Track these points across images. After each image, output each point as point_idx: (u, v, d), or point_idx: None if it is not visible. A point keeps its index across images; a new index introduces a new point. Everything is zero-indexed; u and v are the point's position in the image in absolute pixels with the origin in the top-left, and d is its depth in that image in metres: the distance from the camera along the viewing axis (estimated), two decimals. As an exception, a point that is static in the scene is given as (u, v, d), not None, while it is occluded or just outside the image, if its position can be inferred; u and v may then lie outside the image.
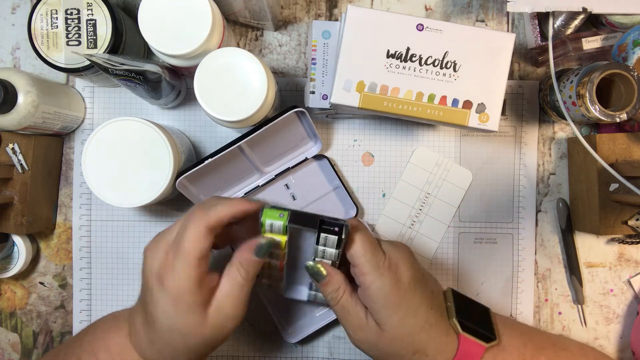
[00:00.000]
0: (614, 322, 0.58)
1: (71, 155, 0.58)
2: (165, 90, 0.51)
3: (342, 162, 0.58)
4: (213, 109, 0.45)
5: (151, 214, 0.58)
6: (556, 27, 0.51)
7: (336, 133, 0.58)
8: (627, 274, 0.58)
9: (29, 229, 0.53)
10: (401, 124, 0.58)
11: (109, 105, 0.58)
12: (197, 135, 0.58)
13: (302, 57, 0.58)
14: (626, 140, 0.52)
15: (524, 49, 0.58)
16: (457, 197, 0.58)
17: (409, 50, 0.45)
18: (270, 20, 0.54)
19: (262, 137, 0.50)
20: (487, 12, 0.58)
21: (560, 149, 0.58)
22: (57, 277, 0.58)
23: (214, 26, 0.45)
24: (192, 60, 0.47)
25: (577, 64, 0.57)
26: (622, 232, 0.52)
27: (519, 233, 0.58)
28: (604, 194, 0.51)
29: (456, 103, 0.46)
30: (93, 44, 0.49)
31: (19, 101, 0.47)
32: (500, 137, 0.58)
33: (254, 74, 0.45)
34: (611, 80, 0.49)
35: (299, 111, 0.49)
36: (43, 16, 0.49)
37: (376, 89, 0.45)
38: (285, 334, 0.55)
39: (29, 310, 0.58)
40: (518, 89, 0.58)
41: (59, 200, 0.58)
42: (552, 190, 0.58)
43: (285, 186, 0.57)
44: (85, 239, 0.58)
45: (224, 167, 0.51)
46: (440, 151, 0.58)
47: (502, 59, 0.46)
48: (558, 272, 0.58)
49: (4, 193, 0.52)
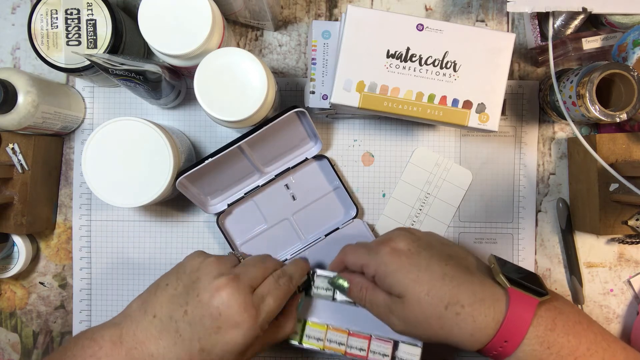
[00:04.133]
0: (614, 322, 0.58)
1: (71, 155, 0.58)
2: (165, 90, 0.51)
3: (342, 162, 0.58)
4: (213, 109, 0.45)
5: (151, 214, 0.58)
6: (556, 27, 0.51)
7: (336, 133, 0.58)
8: (627, 274, 0.58)
9: (29, 229, 0.53)
10: (401, 124, 0.58)
11: (109, 105, 0.58)
12: (197, 135, 0.58)
13: (302, 57, 0.58)
14: (626, 140, 0.52)
15: (524, 49, 0.58)
16: (457, 197, 0.58)
17: (409, 50, 0.45)
18: (270, 20, 0.54)
19: (262, 137, 0.50)
20: (487, 12, 0.58)
21: (560, 149, 0.58)
22: (57, 277, 0.58)
23: (214, 26, 0.45)
24: (192, 60, 0.47)
25: (577, 64, 0.57)
26: (622, 232, 0.52)
27: (519, 233, 0.58)
28: (604, 194, 0.51)
29: (456, 103, 0.46)
30: (93, 44, 0.49)
31: (19, 101, 0.47)
32: (500, 137, 0.58)
33: (254, 74, 0.45)
34: (611, 80, 0.49)
35: (299, 111, 0.49)
36: (43, 16, 0.49)
37: (376, 89, 0.45)
38: (285, 334, 0.55)
39: (29, 310, 0.58)
40: (518, 89, 0.58)
41: (59, 200, 0.58)
42: (552, 190, 0.58)
43: (285, 186, 0.57)
44: (85, 239, 0.58)
45: (224, 167, 0.51)
46: (440, 151, 0.58)
47: (502, 59, 0.46)
48: (558, 272, 0.58)
49: (4, 193, 0.52)
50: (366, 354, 0.49)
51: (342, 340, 0.50)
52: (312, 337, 0.50)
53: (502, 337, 0.39)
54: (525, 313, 0.39)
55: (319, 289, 0.50)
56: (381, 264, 0.43)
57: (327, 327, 0.50)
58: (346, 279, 0.47)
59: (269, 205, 0.56)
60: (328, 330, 0.50)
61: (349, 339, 0.50)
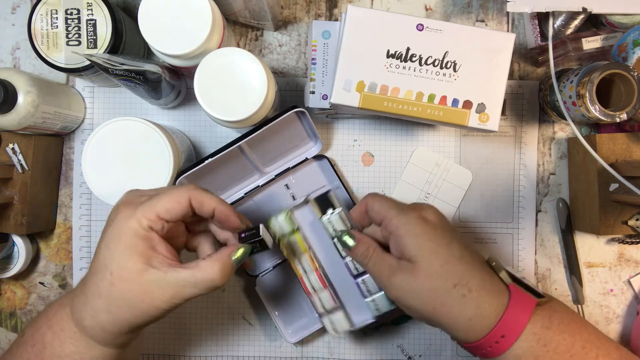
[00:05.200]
0: (614, 322, 0.58)
1: (71, 155, 0.58)
2: (165, 90, 0.51)
3: (342, 162, 0.58)
4: (213, 109, 0.45)
5: (151, 214, 0.58)
6: (556, 27, 0.51)
7: (336, 133, 0.58)
8: (627, 274, 0.58)
9: (29, 229, 0.53)
10: (401, 124, 0.58)
11: (109, 105, 0.58)
12: (197, 135, 0.58)
13: (302, 57, 0.58)
14: (626, 140, 0.52)
15: (524, 49, 0.58)
16: (457, 197, 0.58)
17: (409, 50, 0.45)
18: (270, 20, 0.54)
19: (262, 137, 0.50)
20: (487, 12, 0.58)
21: (560, 149, 0.58)
22: (57, 277, 0.58)
23: (214, 26, 0.45)
24: (192, 60, 0.47)
25: (577, 64, 0.57)
26: (622, 232, 0.52)
27: (519, 233, 0.58)
28: (604, 194, 0.51)
29: (456, 103, 0.46)
30: (93, 44, 0.49)
31: (19, 101, 0.47)
32: (500, 137, 0.58)
33: (254, 74, 0.45)
34: (611, 80, 0.49)
35: (299, 111, 0.49)
36: (43, 16, 0.49)
37: (376, 89, 0.45)
38: (285, 334, 0.55)
39: (29, 310, 0.58)
40: (518, 89, 0.58)
41: (59, 200, 0.58)
42: (552, 190, 0.58)
43: (285, 186, 0.56)
44: (85, 239, 0.58)
45: (224, 167, 0.51)
46: (440, 151, 0.58)
47: (502, 59, 0.46)
48: (558, 272, 0.58)
49: (4, 193, 0.52)
50: (311, 292, 0.50)
51: (308, 268, 0.49)
52: (291, 246, 0.50)
53: (500, 330, 0.39)
54: (524, 310, 0.39)
55: (330, 227, 0.47)
56: (406, 223, 0.42)
57: (307, 250, 0.50)
58: (354, 236, 0.45)
59: (269, 205, 0.56)
60: (305, 252, 0.50)
61: (311, 274, 0.49)
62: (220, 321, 0.58)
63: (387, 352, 0.58)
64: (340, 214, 0.47)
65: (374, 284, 0.47)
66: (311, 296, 0.50)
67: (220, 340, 0.58)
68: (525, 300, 0.39)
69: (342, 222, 0.47)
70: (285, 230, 0.49)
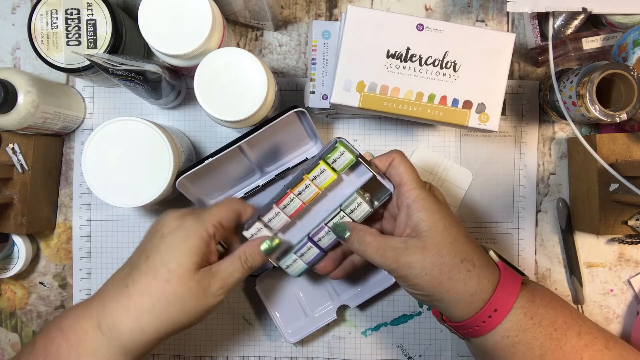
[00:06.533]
0: (614, 322, 0.58)
1: (71, 155, 0.58)
2: (165, 90, 0.51)
3: (342, 162, 0.58)
4: (213, 109, 0.45)
5: (151, 214, 0.58)
6: (556, 27, 0.51)
7: (336, 133, 0.58)
8: (627, 274, 0.58)
9: (29, 229, 0.53)
10: (401, 124, 0.58)
11: (109, 105, 0.58)
12: (197, 135, 0.58)
13: (302, 57, 0.58)
14: (626, 140, 0.52)
15: (524, 49, 0.58)
16: (457, 197, 0.58)
17: (409, 50, 0.45)
18: (270, 20, 0.54)
19: (262, 137, 0.49)
20: (487, 12, 0.58)
21: (560, 149, 0.58)
22: (57, 277, 0.58)
23: (214, 26, 0.45)
24: (192, 60, 0.47)
25: (577, 64, 0.57)
26: (622, 232, 0.52)
27: (519, 233, 0.58)
28: (604, 194, 0.51)
29: (456, 103, 0.46)
30: (93, 44, 0.49)
31: (19, 101, 0.47)
32: (500, 137, 0.58)
33: (254, 74, 0.45)
34: (611, 80, 0.49)
35: (299, 111, 0.49)
36: (43, 16, 0.49)
37: (376, 89, 0.45)
38: (285, 334, 0.55)
39: (29, 310, 0.58)
40: (518, 89, 0.58)
41: (59, 200, 0.58)
42: (552, 190, 0.58)
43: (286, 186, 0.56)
44: (85, 239, 0.58)
45: (224, 167, 0.51)
46: (440, 151, 0.58)
47: (502, 59, 0.46)
48: (558, 272, 0.58)
49: (4, 193, 0.52)
50: (279, 208, 0.47)
51: (304, 194, 0.47)
52: (329, 166, 0.46)
53: (493, 304, 0.40)
54: (514, 285, 0.41)
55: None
56: (424, 199, 0.42)
57: (321, 188, 0.47)
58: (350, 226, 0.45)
59: (269, 205, 0.56)
60: (319, 189, 0.47)
61: (297, 199, 0.47)
62: (220, 321, 0.58)
63: (387, 352, 0.58)
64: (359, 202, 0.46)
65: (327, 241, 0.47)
66: (275, 207, 0.47)
67: (220, 340, 0.58)
68: (513, 277, 0.42)
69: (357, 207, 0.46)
70: (345, 156, 0.45)
